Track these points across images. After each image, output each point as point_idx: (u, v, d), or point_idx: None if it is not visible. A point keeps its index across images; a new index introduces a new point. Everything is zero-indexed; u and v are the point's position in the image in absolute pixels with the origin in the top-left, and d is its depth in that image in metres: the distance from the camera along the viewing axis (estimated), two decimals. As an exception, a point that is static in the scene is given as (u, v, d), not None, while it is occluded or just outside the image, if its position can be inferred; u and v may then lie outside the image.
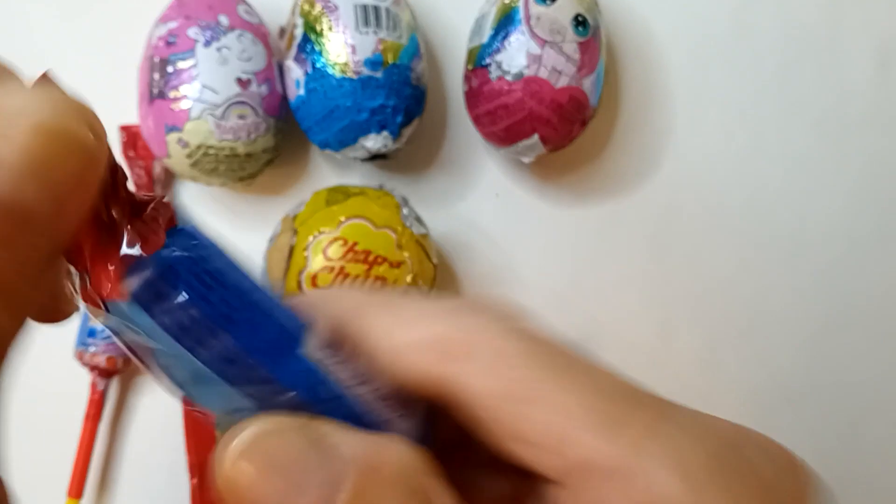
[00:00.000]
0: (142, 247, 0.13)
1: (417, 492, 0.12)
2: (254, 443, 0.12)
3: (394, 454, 0.12)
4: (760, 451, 0.14)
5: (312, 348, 0.14)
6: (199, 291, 0.13)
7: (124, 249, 0.13)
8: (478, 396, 0.13)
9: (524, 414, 0.13)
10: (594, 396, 0.13)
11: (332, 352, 0.14)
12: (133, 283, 0.13)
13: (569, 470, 0.12)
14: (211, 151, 0.36)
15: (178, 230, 0.14)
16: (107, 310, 0.13)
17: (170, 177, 0.42)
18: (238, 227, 0.42)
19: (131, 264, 0.13)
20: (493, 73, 0.36)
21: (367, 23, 0.36)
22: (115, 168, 0.13)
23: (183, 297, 0.13)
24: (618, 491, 0.12)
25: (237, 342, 0.13)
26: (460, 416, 0.14)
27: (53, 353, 0.38)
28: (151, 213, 0.14)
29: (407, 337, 0.14)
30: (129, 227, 0.13)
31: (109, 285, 0.13)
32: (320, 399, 0.13)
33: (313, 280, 0.34)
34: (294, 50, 0.37)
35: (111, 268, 0.13)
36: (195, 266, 0.13)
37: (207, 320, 0.13)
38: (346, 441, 0.12)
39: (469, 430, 0.14)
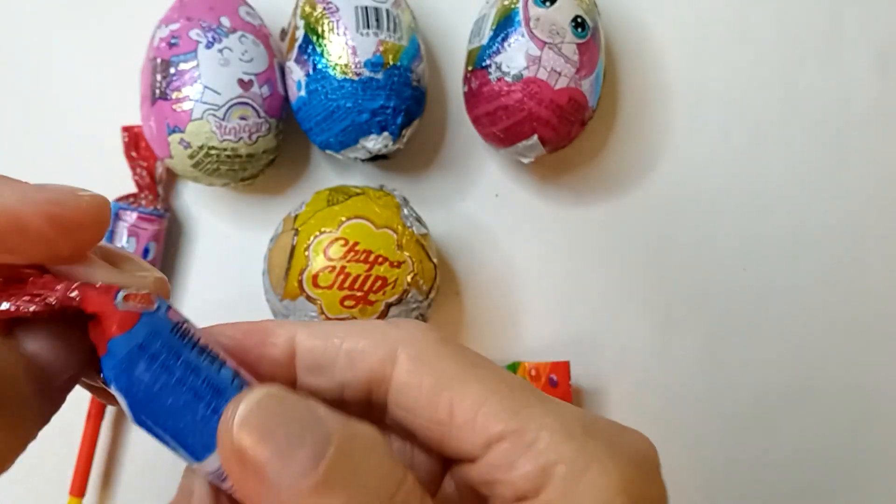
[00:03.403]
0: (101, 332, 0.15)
1: (386, 454, 0.15)
2: (257, 405, 0.14)
3: (366, 431, 0.15)
4: (613, 425, 0.17)
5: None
6: (126, 388, 0.15)
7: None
8: (413, 388, 0.17)
9: (450, 402, 0.16)
10: (501, 388, 0.16)
11: None
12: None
13: (483, 444, 0.16)
14: (213, 152, 0.36)
15: (146, 316, 0.15)
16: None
17: (172, 177, 0.42)
18: (239, 227, 0.42)
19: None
20: (493, 74, 0.37)
21: (367, 24, 0.36)
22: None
23: (114, 387, 0.15)
24: (513, 449, 0.16)
25: (152, 428, 0.15)
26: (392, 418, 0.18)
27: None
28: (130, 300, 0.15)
29: (357, 345, 0.17)
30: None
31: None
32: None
33: (314, 279, 0.34)
34: (295, 51, 0.37)
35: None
36: (131, 365, 0.15)
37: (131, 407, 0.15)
38: (329, 414, 0.15)
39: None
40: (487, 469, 0.16)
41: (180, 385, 0.15)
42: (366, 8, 0.36)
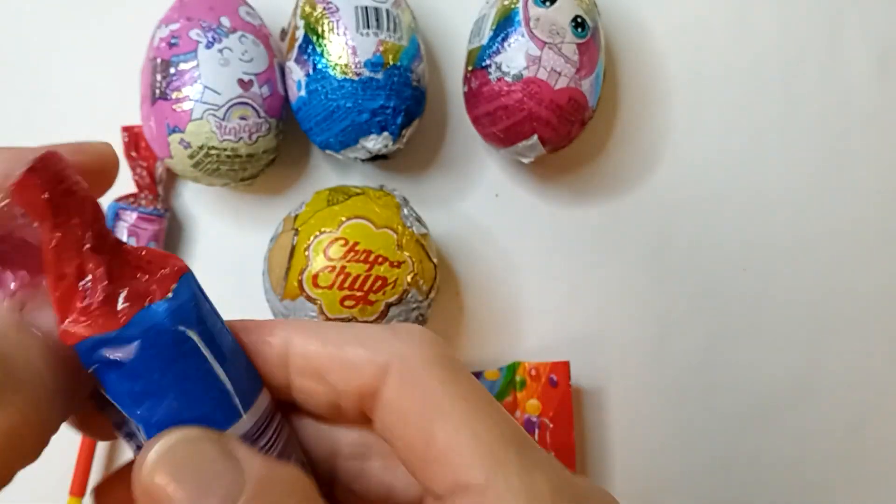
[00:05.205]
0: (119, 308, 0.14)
1: (307, 499, 0.15)
2: (170, 449, 0.14)
3: (286, 474, 0.15)
4: (583, 485, 0.16)
5: (235, 431, 0.15)
6: (127, 371, 0.14)
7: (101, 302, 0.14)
8: (396, 411, 0.16)
9: (429, 433, 0.15)
10: (482, 433, 0.15)
11: (257, 434, 0.16)
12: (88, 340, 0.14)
13: (448, 488, 0.15)
14: (213, 152, 0.36)
15: (175, 289, 0.15)
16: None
17: (172, 177, 0.42)
18: (239, 227, 0.42)
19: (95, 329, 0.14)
20: (493, 74, 0.37)
21: (367, 24, 0.36)
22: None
23: (105, 373, 0.15)
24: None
25: (148, 417, 0.15)
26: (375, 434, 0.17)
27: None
28: (149, 276, 0.15)
29: (348, 355, 0.17)
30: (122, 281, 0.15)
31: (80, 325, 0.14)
32: None
33: (314, 279, 0.34)
34: (295, 51, 0.37)
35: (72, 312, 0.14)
36: (148, 338, 0.14)
37: (129, 394, 0.15)
38: (248, 457, 0.15)
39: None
40: None
41: (225, 330, 0.16)
42: (366, 8, 0.36)
